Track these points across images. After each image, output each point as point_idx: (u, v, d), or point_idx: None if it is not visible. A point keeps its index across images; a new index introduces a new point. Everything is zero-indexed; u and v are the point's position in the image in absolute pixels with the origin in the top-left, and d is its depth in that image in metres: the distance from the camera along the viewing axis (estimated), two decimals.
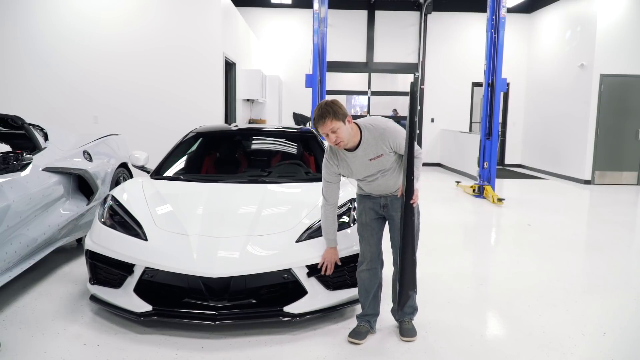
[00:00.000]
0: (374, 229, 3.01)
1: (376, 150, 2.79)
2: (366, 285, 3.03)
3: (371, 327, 3.05)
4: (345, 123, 2.69)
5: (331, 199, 3.01)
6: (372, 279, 3.02)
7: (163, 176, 4.18)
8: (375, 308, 3.08)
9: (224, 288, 2.94)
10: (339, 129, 2.68)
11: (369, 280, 3.02)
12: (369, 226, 3.00)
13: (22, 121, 4.27)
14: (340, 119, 2.68)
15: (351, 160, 2.85)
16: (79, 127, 7.60)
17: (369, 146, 2.78)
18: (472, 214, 7.10)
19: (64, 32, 8.01)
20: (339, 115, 2.67)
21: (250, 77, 10.34)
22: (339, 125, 2.68)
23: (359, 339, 2.96)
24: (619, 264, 4.82)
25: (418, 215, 3.02)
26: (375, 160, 2.81)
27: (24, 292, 3.66)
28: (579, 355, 2.91)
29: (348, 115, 2.73)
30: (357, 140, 2.78)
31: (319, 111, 2.69)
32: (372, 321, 3.07)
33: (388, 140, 2.77)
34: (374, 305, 3.07)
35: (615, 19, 9.87)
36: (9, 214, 3.30)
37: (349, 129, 2.71)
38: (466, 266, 4.73)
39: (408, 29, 12.92)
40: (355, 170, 2.89)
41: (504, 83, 8.05)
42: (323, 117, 2.66)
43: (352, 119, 2.77)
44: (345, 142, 2.73)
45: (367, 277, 3.02)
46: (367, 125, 2.79)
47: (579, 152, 10.35)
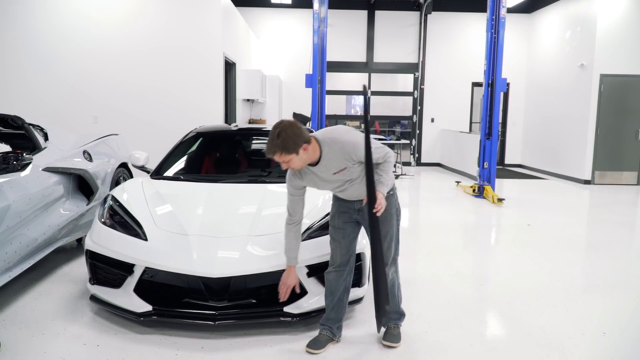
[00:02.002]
0: (346, 232, 2.88)
1: (338, 165, 2.65)
2: (332, 286, 2.92)
3: (334, 335, 2.93)
4: (298, 153, 2.51)
5: (295, 214, 2.84)
6: (339, 280, 2.91)
7: (163, 176, 4.18)
8: (339, 313, 2.95)
9: (224, 288, 2.94)
10: (291, 160, 2.53)
11: (335, 282, 2.91)
12: (341, 229, 2.89)
13: (22, 121, 4.27)
14: (292, 152, 2.49)
15: (315, 174, 2.72)
16: (79, 127, 7.59)
17: (330, 161, 2.64)
18: (472, 214, 7.10)
19: (64, 32, 8.01)
20: (289, 148, 2.48)
21: (250, 77, 10.34)
22: (289, 158, 2.52)
23: (317, 349, 2.83)
24: (619, 264, 4.82)
25: (398, 217, 2.93)
26: (339, 173, 2.68)
27: (24, 292, 3.66)
28: (579, 355, 2.91)
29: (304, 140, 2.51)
30: (318, 156, 2.63)
31: (268, 143, 2.50)
32: (334, 327, 2.94)
33: (349, 153, 2.61)
34: (337, 309, 2.94)
35: (615, 19, 9.87)
36: (9, 214, 3.30)
37: (302, 157, 2.54)
38: (466, 266, 4.73)
39: (408, 29, 12.92)
40: (321, 184, 2.76)
41: (504, 83, 8.04)
42: (271, 152, 2.51)
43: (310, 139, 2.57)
44: (299, 167, 2.61)
45: (333, 277, 2.91)
46: (326, 140, 2.63)
47: (579, 152, 10.35)
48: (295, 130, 2.50)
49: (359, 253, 3.18)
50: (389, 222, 2.86)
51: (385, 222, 2.83)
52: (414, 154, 13.26)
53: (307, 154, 2.57)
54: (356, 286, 3.21)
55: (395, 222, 2.90)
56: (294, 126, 2.52)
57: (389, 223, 2.86)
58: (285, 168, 2.63)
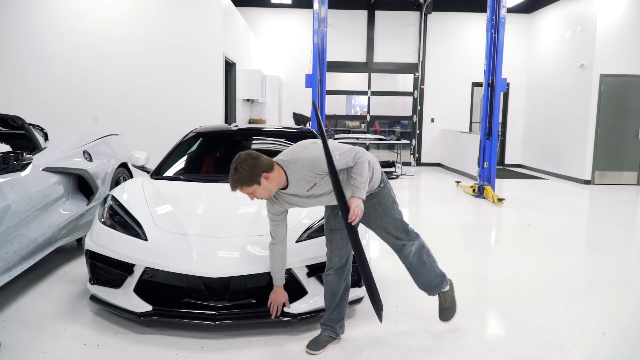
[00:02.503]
0: (343, 233, 2.84)
1: (307, 182, 2.62)
2: (333, 287, 2.91)
3: (336, 334, 2.94)
4: (260, 182, 2.52)
5: (278, 237, 2.84)
6: (338, 281, 2.90)
7: (163, 176, 4.18)
8: (341, 312, 2.96)
9: (224, 288, 2.94)
10: (255, 191, 2.54)
11: (336, 283, 2.90)
12: (338, 231, 2.85)
13: (22, 121, 4.27)
14: (252, 183, 2.51)
15: (289, 196, 2.70)
16: (79, 127, 7.60)
17: (299, 181, 2.62)
18: (472, 214, 7.10)
19: (64, 32, 8.01)
20: (247, 181, 2.51)
21: (250, 77, 10.34)
22: (252, 189, 2.53)
23: (316, 349, 2.83)
24: (619, 264, 4.82)
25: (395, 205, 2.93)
26: (312, 189, 2.65)
27: (24, 292, 3.66)
28: (579, 355, 2.91)
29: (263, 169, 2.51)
30: (285, 179, 2.61)
31: (229, 178, 2.55)
32: (336, 327, 2.94)
33: (311, 169, 2.58)
34: (339, 309, 2.95)
35: (615, 19, 9.87)
36: (9, 214, 3.30)
37: (267, 186, 2.54)
38: (466, 266, 4.73)
39: (408, 29, 12.92)
40: (301, 202, 2.74)
41: (504, 83, 8.05)
42: (233, 187, 2.55)
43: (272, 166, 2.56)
44: (267, 196, 2.61)
45: (333, 279, 2.90)
46: (287, 162, 2.60)
47: (579, 152, 10.35)
48: (251, 162, 2.51)
49: None
50: (388, 213, 2.89)
51: (385, 216, 2.88)
52: (414, 154, 13.26)
53: (272, 181, 2.56)
54: (356, 286, 3.22)
55: (395, 212, 2.93)
56: (249, 158, 2.53)
57: (389, 215, 2.90)
58: (252, 199, 2.61)
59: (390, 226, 2.91)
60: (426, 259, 3.01)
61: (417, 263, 2.99)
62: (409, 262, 3.01)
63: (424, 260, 3.00)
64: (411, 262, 3.00)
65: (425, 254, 3.02)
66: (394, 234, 2.92)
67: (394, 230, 2.92)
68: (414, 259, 2.98)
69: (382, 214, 2.88)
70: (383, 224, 2.91)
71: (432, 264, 3.05)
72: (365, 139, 12.10)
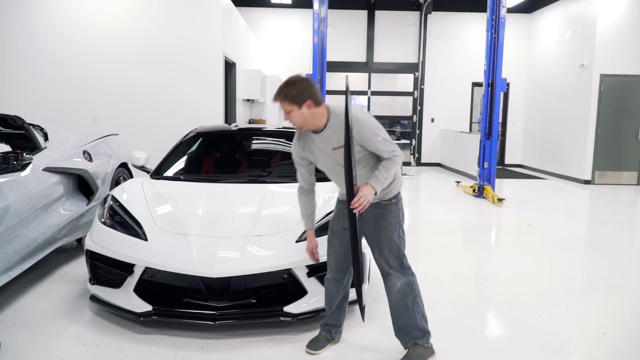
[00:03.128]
0: (343, 239, 2.75)
1: (339, 139, 2.50)
2: (331, 294, 2.88)
3: (332, 338, 2.93)
4: (301, 107, 2.47)
5: (304, 183, 2.82)
6: (337, 289, 2.86)
7: (163, 176, 4.18)
8: (338, 319, 2.93)
9: (224, 288, 2.94)
10: (291, 112, 2.50)
11: (334, 291, 2.87)
12: (338, 235, 2.78)
13: (22, 121, 4.27)
14: (294, 103, 2.47)
15: (316, 144, 2.62)
16: (79, 127, 7.59)
17: (334, 133, 2.53)
18: (472, 214, 7.10)
19: (64, 32, 8.01)
20: (291, 98, 2.47)
21: (250, 77, 10.34)
22: (290, 109, 2.49)
23: (316, 349, 2.84)
24: (619, 264, 4.82)
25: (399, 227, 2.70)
26: (338, 150, 2.53)
27: (24, 292, 3.66)
28: (579, 355, 2.91)
29: (310, 97, 2.48)
30: (323, 123, 2.55)
31: (279, 88, 2.53)
32: (333, 332, 2.93)
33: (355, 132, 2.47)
34: (337, 315, 2.91)
35: (615, 19, 9.87)
36: (9, 214, 3.30)
37: (304, 114, 2.49)
38: (466, 266, 4.73)
39: (408, 29, 12.92)
40: (320, 158, 2.65)
41: (504, 83, 8.05)
42: (276, 97, 2.52)
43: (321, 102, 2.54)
44: (299, 125, 2.56)
45: (332, 287, 2.86)
46: (336, 111, 2.56)
47: (579, 152, 10.35)
48: (305, 85, 2.50)
49: None
50: (388, 232, 2.65)
51: (384, 232, 2.66)
52: (414, 154, 13.27)
53: (311, 114, 2.51)
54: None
55: (396, 234, 2.67)
56: (307, 82, 2.52)
57: (388, 233, 2.66)
58: (286, 119, 2.58)
59: (385, 246, 2.67)
60: (410, 305, 2.67)
61: (399, 303, 2.69)
62: (391, 297, 2.73)
63: (407, 305, 2.67)
64: (393, 298, 2.71)
65: (412, 298, 2.68)
66: (386, 257, 2.68)
67: (387, 252, 2.67)
68: (396, 295, 2.69)
69: (382, 229, 2.66)
70: (379, 240, 2.67)
71: (415, 314, 2.68)
72: None
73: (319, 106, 2.53)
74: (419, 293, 2.72)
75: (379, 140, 2.51)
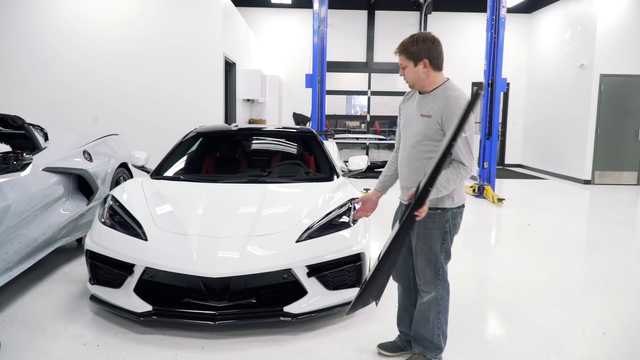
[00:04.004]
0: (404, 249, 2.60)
1: (430, 109, 2.44)
2: (399, 297, 2.84)
3: (403, 347, 2.84)
4: (417, 64, 2.43)
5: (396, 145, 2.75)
6: (402, 295, 2.81)
7: (163, 176, 4.18)
8: (405, 327, 2.81)
9: (224, 288, 2.94)
10: (407, 67, 2.47)
11: (401, 296, 2.82)
12: None
13: (22, 121, 4.27)
14: (411, 59, 2.44)
15: (412, 105, 2.56)
16: (79, 127, 7.60)
17: (433, 101, 2.46)
18: (472, 214, 7.09)
19: (64, 32, 8.02)
20: (409, 54, 2.44)
21: (250, 77, 10.35)
22: (406, 64, 2.46)
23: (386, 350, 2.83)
24: (619, 264, 4.82)
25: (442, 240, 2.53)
26: (422, 118, 2.46)
27: (24, 292, 3.66)
28: (579, 355, 2.91)
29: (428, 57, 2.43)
30: (432, 87, 2.49)
31: (404, 41, 2.47)
32: (404, 340, 2.83)
33: (444, 110, 2.38)
34: (404, 322, 2.82)
35: (615, 19, 9.87)
36: (9, 214, 3.30)
37: (418, 72, 2.45)
38: (466, 266, 4.73)
39: (408, 29, 12.92)
40: (406, 120, 2.58)
41: (504, 83, 8.05)
42: (398, 49, 2.48)
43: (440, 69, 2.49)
44: (410, 82, 2.51)
45: (399, 292, 2.84)
46: (451, 86, 2.49)
47: (579, 152, 10.35)
48: (429, 45, 2.44)
49: (359, 253, 3.19)
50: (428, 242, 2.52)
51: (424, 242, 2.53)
52: None
53: (426, 74, 2.46)
54: (355, 286, 3.21)
55: (438, 247, 2.53)
56: (431, 42, 2.46)
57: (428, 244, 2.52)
58: (400, 75, 2.53)
59: (423, 255, 2.54)
60: (432, 319, 2.61)
61: (421, 314, 2.63)
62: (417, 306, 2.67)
63: (429, 318, 2.61)
64: (418, 307, 2.65)
65: (435, 313, 2.60)
66: (421, 266, 2.55)
67: (424, 261, 2.54)
68: (422, 307, 2.62)
69: (421, 237, 2.52)
70: (417, 247, 2.55)
71: (434, 329, 2.61)
72: (365, 139, 12.10)
73: (436, 70, 2.48)
74: (444, 310, 2.61)
75: (462, 136, 2.33)
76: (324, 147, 4.63)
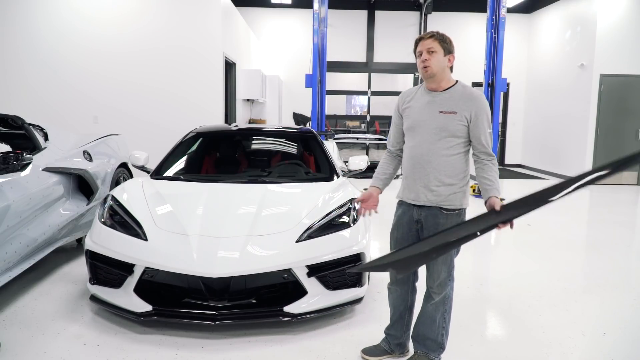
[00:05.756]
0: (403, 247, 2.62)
1: (453, 106, 2.45)
2: (394, 302, 2.78)
3: (391, 350, 2.81)
4: (445, 54, 2.48)
5: (390, 145, 2.75)
6: (399, 299, 2.76)
7: (163, 176, 4.18)
8: (398, 330, 2.79)
9: (224, 288, 2.94)
10: (436, 52, 2.46)
11: (395, 300, 2.77)
12: (399, 244, 2.64)
13: (22, 121, 4.27)
14: (442, 46, 2.47)
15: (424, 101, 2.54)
16: (79, 127, 7.60)
17: (452, 99, 2.47)
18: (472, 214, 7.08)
19: (64, 32, 8.02)
20: (444, 41, 2.49)
21: (250, 77, 10.35)
22: (437, 49, 2.46)
23: (370, 355, 2.80)
24: (619, 264, 4.82)
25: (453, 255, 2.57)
26: (444, 115, 2.45)
27: (24, 292, 3.66)
28: (579, 355, 2.91)
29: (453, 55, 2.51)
30: (446, 85, 2.51)
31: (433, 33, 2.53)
32: (392, 344, 2.81)
33: (473, 107, 2.42)
34: (398, 326, 2.79)
35: (615, 19, 9.88)
36: (9, 214, 3.30)
37: (443, 62, 2.47)
38: (466, 266, 4.73)
39: (408, 29, 12.92)
40: (418, 115, 2.53)
41: (504, 83, 8.05)
42: (429, 35, 2.51)
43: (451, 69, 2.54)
44: (433, 69, 2.46)
45: (395, 296, 2.77)
46: (463, 84, 2.54)
47: (579, 152, 10.35)
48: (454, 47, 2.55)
49: (359, 253, 3.19)
50: None
51: None
52: None
53: (448, 68, 2.51)
54: (356, 286, 3.22)
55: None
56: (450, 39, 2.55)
57: None
58: (422, 60, 2.48)
59: (439, 259, 2.53)
60: (438, 319, 2.61)
61: (428, 315, 2.63)
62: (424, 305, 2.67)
63: (435, 318, 2.61)
64: (425, 308, 2.65)
65: (441, 312, 2.61)
66: (437, 269, 2.54)
67: (440, 264, 2.53)
68: (430, 307, 2.62)
69: None
70: None
71: (439, 328, 2.62)
72: (365, 139, 12.10)
73: (451, 71, 2.55)
74: (449, 309, 2.64)
75: (488, 132, 2.47)
76: (324, 147, 4.63)
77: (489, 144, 2.50)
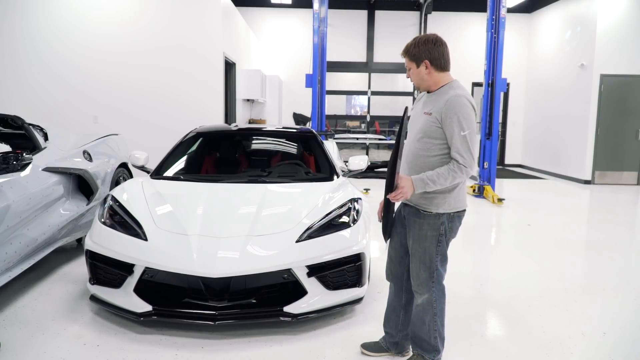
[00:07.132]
0: (396, 243, 2.70)
1: (431, 107, 2.47)
2: (389, 297, 2.84)
3: (387, 348, 2.85)
4: (419, 66, 2.48)
5: None
6: (393, 295, 2.81)
7: (163, 176, 4.18)
8: (392, 328, 2.81)
9: (224, 288, 2.94)
10: (411, 69, 2.52)
11: (391, 296, 2.82)
12: (392, 240, 2.73)
13: (22, 121, 4.27)
14: (413, 61, 2.49)
15: (419, 104, 2.63)
16: (79, 127, 7.60)
17: (434, 100, 2.48)
18: (472, 214, 7.09)
19: (64, 32, 8.02)
20: (411, 55, 2.49)
21: (250, 77, 10.35)
22: (409, 66, 2.53)
23: (369, 350, 2.85)
24: (619, 264, 4.82)
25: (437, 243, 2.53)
26: (425, 115, 2.50)
27: (24, 292, 3.66)
28: (579, 355, 2.91)
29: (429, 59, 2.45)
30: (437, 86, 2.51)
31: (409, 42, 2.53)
32: (388, 341, 2.84)
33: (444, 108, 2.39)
34: (392, 323, 2.81)
35: (615, 19, 9.88)
36: (9, 214, 3.30)
37: (421, 73, 2.48)
38: (466, 266, 4.73)
39: (408, 29, 12.92)
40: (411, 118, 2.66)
41: (504, 83, 8.05)
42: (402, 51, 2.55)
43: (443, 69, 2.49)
44: (415, 84, 2.56)
45: (390, 291, 2.83)
46: (454, 84, 2.50)
47: (579, 152, 10.35)
48: (430, 47, 2.46)
49: (359, 253, 3.19)
50: (423, 244, 2.52)
51: (419, 243, 2.53)
52: None
53: (428, 74, 2.49)
54: (356, 286, 3.22)
55: (433, 250, 2.52)
56: (433, 43, 2.47)
57: (423, 245, 2.52)
58: (407, 77, 2.59)
59: (417, 256, 2.54)
60: (427, 322, 2.60)
61: (417, 317, 2.64)
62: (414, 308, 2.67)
63: (424, 320, 2.60)
64: (414, 310, 2.67)
65: (430, 315, 2.59)
66: (416, 267, 2.55)
67: (418, 263, 2.54)
68: (417, 310, 2.63)
69: (416, 239, 2.54)
70: (412, 248, 2.57)
71: (431, 331, 2.60)
72: (365, 139, 12.10)
73: (439, 71, 2.49)
74: (439, 312, 2.60)
75: (460, 134, 2.37)
76: (324, 147, 4.63)
77: (462, 148, 2.38)
